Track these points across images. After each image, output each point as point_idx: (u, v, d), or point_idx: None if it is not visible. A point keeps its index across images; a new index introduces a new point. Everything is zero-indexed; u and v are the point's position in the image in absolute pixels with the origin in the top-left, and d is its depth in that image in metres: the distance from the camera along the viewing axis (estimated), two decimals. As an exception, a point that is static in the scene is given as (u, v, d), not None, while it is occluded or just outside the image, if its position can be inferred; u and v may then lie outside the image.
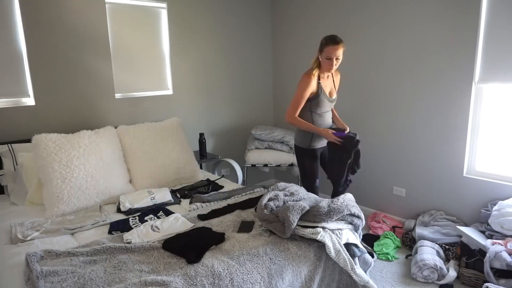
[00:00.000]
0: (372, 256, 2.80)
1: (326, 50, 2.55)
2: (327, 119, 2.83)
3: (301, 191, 2.37)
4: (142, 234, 2.04)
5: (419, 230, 2.92)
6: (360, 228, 2.17)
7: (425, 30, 2.99)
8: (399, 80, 3.24)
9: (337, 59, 2.58)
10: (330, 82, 2.81)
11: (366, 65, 3.44)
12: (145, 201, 2.51)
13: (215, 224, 2.16)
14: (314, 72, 2.65)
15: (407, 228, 3.17)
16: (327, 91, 2.76)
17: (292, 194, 2.30)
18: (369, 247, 2.90)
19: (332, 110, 2.90)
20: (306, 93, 2.65)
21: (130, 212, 2.43)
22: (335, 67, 2.62)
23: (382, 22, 3.26)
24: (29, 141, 2.76)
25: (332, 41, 2.54)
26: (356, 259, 2.02)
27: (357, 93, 3.57)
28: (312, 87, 2.66)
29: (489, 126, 2.85)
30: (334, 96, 2.84)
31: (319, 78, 2.69)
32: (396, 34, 3.18)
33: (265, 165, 3.82)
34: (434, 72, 3.00)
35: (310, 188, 2.81)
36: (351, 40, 3.52)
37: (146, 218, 2.32)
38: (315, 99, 2.70)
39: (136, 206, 2.46)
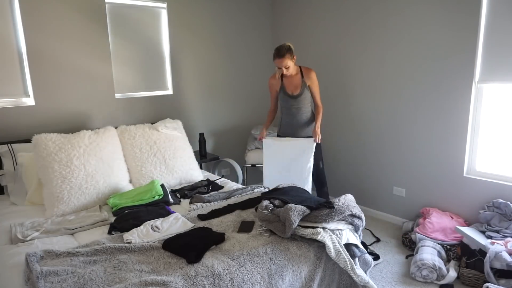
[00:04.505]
0: (378, 258, 2.81)
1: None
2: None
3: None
4: (142, 234, 2.04)
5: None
6: (361, 228, 2.17)
7: (426, 30, 2.99)
8: (400, 80, 3.24)
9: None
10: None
11: (367, 66, 3.44)
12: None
13: (215, 224, 2.16)
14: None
15: (406, 230, 3.16)
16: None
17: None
18: (374, 251, 2.90)
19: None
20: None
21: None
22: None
23: (382, 23, 3.26)
24: (29, 141, 2.76)
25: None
26: (356, 259, 2.01)
27: (358, 93, 3.57)
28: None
29: (489, 126, 2.85)
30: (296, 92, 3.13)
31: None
32: (397, 35, 3.18)
33: (265, 165, 3.81)
34: (434, 72, 3.00)
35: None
36: (351, 41, 3.52)
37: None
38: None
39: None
